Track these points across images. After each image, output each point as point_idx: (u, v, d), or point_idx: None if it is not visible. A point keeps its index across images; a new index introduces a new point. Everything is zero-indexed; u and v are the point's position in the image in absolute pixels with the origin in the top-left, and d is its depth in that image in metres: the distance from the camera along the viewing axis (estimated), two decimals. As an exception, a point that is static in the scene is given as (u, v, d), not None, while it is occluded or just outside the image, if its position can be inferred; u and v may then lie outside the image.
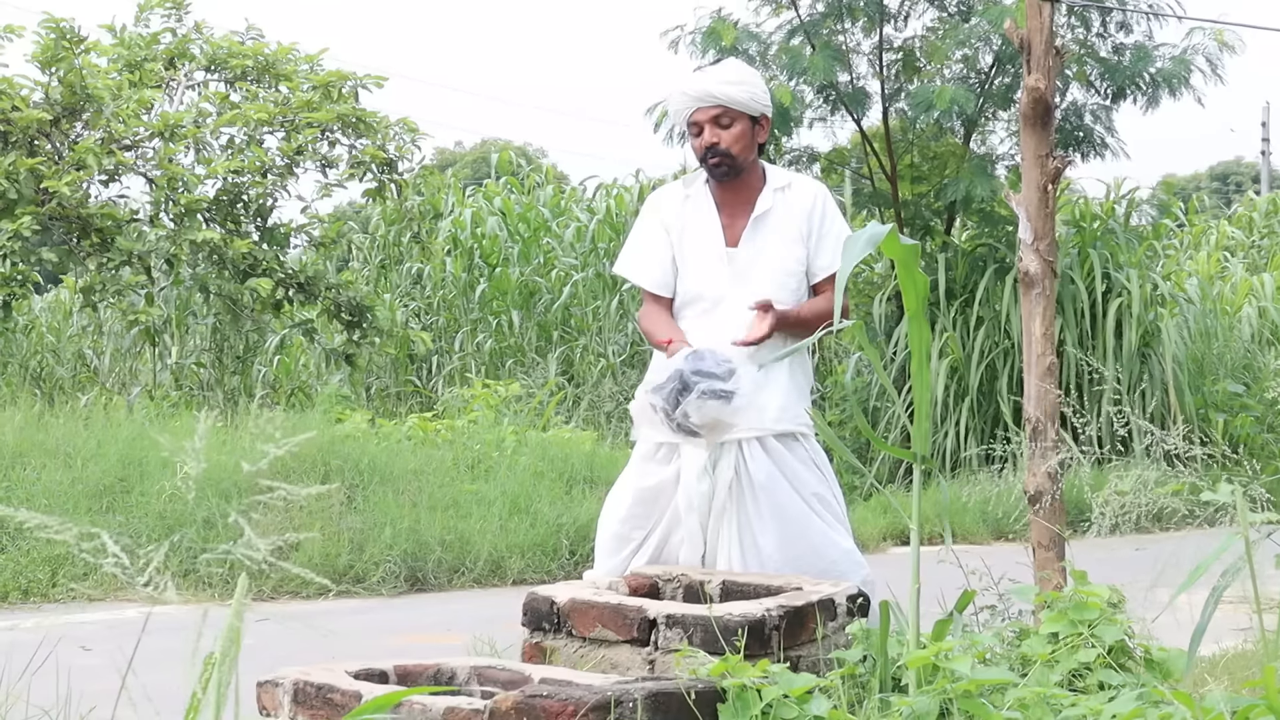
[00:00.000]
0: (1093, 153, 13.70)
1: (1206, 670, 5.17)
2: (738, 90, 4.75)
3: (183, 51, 13.66)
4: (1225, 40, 13.41)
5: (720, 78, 4.80)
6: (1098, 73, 13.41)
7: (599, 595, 4.34)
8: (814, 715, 3.39)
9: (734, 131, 4.76)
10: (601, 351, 16.02)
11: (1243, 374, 14.69)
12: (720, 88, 4.75)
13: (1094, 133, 13.66)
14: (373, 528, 8.87)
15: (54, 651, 3.83)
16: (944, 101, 12.77)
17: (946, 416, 13.37)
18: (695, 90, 4.78)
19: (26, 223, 11.84)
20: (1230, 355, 15.02)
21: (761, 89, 4.83)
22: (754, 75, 4.92)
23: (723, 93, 4.74)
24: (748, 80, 4.83)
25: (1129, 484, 3.99)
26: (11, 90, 12.61)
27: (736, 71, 4.88)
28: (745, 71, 4.92)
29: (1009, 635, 4.07)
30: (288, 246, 13.96)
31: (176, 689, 2.57)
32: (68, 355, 16.17)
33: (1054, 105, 4.80)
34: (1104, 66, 13.36)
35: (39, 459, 9.29)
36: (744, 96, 4.76)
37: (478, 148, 43.10)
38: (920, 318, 3.70)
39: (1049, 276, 4.75)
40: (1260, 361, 14.74)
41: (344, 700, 3.60)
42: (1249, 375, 14.56)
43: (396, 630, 7.32)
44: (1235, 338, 15.48)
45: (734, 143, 4.77)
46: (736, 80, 4.80)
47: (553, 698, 3.44)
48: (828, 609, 4.30)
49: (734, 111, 4.75)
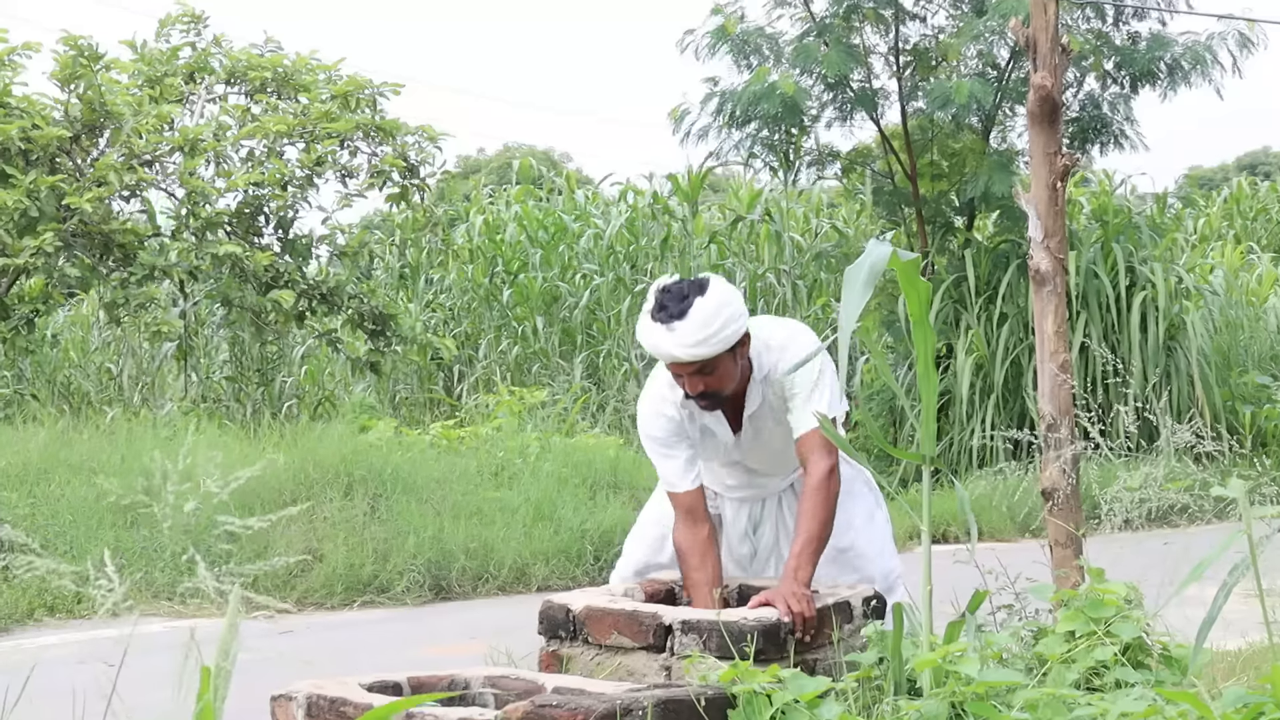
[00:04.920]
0: (1112, 144, 13.68)
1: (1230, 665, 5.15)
2: (707, 348, 4.31)
3: (202, 65, 13.71)
4: (1248, 35, 13.32)
5: (685, 341, 4.31)
6: (1114, 62, 13.36)
7: (615, 602, 4.33)
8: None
9: (717, 374, 4.41)
10: (625, 356, 16.04)
11: (1270, 365, 14.60)
12: (689, 352, 4.32)
13: (1112, 123, 13.61)
14: (396, 537, 8.89)
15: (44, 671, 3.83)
16: (962, 95, 12.76)
17: (972, 413, 13.35)
18: (662, 355, 4.41)
19: (49, 239, 11.90)
20: (1257, 347, 14.94)
21: (730, 323, 4.35)
22: (719, 316, 4.35)
23: (694, 355, 4.33)
24: (714, 331, 4.32)
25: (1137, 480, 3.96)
26: (31, 108, 12.68)
27: (700, 326, 4.31)
28: (709, 319, 4.33)
29: (1026, 635, 4.06)
30: (309, 258, 13.99)
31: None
32: (92, 369, 16.23)
33: (1062, 103, 4.78)
34: (1120, 55, 13.30)
35: (64, 474, 9.33)
36: (716, 349, 4.33)
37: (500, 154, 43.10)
38: (924, 324, 3.70)
39: (1060, 274, 4.73)
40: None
41: (356, 713, 3.61)
42: (1276, 366, 14.47)
43: (418, 640, 7.32)
44: (1262, 329, 15.40)
45: (720, 383, 4.44)
46: (704, 338, 4.30)
47: (562, 707, 3.43)
48: (844, 611, 4.29)
49: (711, 360, 4.37)
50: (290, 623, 7.74)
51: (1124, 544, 4.65)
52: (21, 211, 12.08)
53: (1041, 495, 4.73)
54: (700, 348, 4.32)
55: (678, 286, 4.40)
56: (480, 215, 18.48)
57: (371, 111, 13.60)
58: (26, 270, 12.09)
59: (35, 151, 12.45)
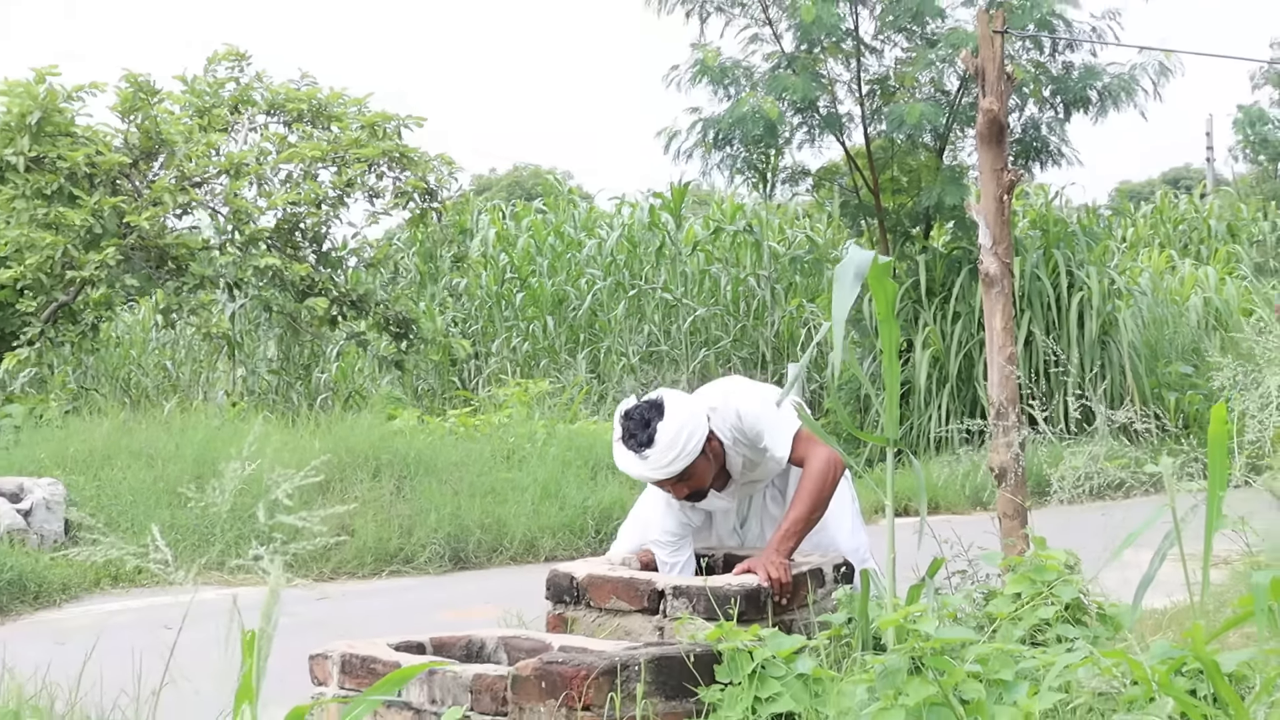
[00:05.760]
0: (1050, 161, 13.72)
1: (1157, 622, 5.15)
2: (680, 464, 4.29)
3: (245, 98, 13.70)
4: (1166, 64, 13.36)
5: (657, 465, 4.29)
6: (1051, 89, 13.40)
7: (613, 571, 4.34)
8: (799, 673, 3.37)
9: (696, 477, 4.38)
10: (623, 351, 16.04)
11: (1191, 356, 14.62)
12: (663, 474, 4.31)
13: (1050, 144, 13.65)
14: (419, 514, 8.88)
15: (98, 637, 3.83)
16: (914, 117, 12.80)
17: (930, 401, 13.34)
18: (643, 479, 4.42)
19: (111, 253, 11.93)
20: (1180, 340, 14.96)
21: (692, 438, 4.30)
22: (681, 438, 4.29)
23: (668, 474, 4.32)
24: (681, 450, 4.28)
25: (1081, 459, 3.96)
26: (95, 138, 12.70)
27: (667, 449, 4.28)
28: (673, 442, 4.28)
29: (978, 597, 4.06)
30: (341, 269, 14.02)
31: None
32: (149, 367, 16.21)
33: (1007, 125, 4.77)
34: (1056, 83, 13.35)
35: (125, 460, 9.32)
36: (685, 464, 4.30)
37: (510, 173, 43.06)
38: (890, 320, 3.70)
39: (1007, 276, 4.72)
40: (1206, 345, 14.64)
41: (385, 670, 3.61)
42: (1197, 358, 14.49)
43: (440, 605, 7.31)
44: (1184, 325, 15.42)
45: (701, 481, 4.42)
46: (673, 459, 4.28)
47: (567, 663, 3.43)
48: (817, 577, 4.29)
49: (686, 469, 4.34)
50: (326, 590, 7.74)
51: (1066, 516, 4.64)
52: (87, 229, 12.12)
53: (991, 473, 4.73)
54: (673, 465, 4.30)
55: (639, 413, 4.35)
56: (494, 228, 18.50)
57: (396, 140, 13.62)
58: (92, 281, 12.09)
59: (99, 175, 12.48)
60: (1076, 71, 13.37)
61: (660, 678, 3.47)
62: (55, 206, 12.13)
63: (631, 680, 3.42)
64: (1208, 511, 3.05)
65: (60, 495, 8.54)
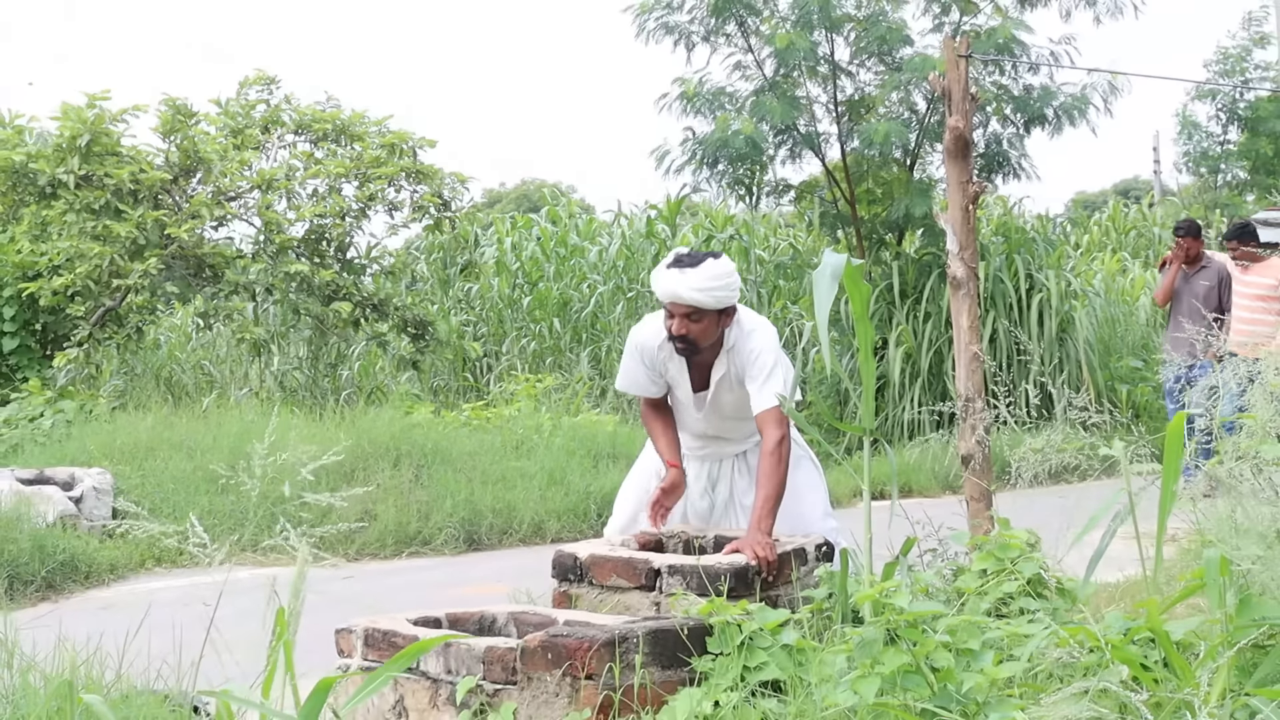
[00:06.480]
0: (1011, 174, 13.72)
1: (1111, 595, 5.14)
2: (706, 297, 4.35)
3: (275, 119, 13.68)
4: (1114, 84, 13.38)
5: (692, 284, 4.35)
6: (1012, 108, 13.41)
7: (614, 551, 4.32)
8: (784, 644, 3.36)
9: (701, 325, 4.43)
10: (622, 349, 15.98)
11: (1141, 352, 14.64)
12: (691, 294, 4.35)
13: (1011, 158, 13.65)
14: (436, 499, 8.86)
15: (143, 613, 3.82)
16: (880, 135, 12.82)
17: (903, 394, 13.32)
18: (668, 293, 4.41)
19: (153, 263, 11.92)
20: (1131, 337, 14.98)
21: (728, 288, 4.40)
22: (723, 277, 4.39)
23: (693, 299, 4.36)
24: (717, 285, 4.37)
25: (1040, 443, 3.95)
26: (139, 157, 12.70)
27: (708, 278, 4.37)
28: (717, 275, 4.39)
29: (947, 573, 4.05)
30: (364, 275, 14.01)
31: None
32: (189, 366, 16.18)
33: (972, 141, 4.76)
34: (1016, 102, 13.36)
35: (167, 451, 9.30)
36: (711, 301, 4.37)
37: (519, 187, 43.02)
38: (865, 320, 3.69)
39: (972, 279, 4.71)
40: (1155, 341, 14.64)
41: (405, 643, 3.59)
42: (1146, 353, 14.50)
43: (455, 583, 7.30)
44: (1134, 323, 15.44)
45: (700, 335, 4.44)
46: (707, 288, 4.35)
47: (571, 636, 3.42)
48: (800, 556, 4.28)
49: (703, 310, 4.40)
50: (350, 570, 7.73)
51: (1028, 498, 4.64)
52: (132, 240, 12.11)
53: (960, 459, 4.72)
54: (701, 294, 4.36)
55: (697, 252, 4.45)
56: (508, 237, 18.48)
57: (413, 158, 13.61)
58: (136, 288, 12.08)
59: (142, 191, 12.48)
60: (1036, 92, 13.37)
61: (657, 649, 3.46)
62: (103, 220, 12.13)
63: (630, 651, 3.41)
64: (1161, 495, 3.05)
65: (108, 484, 8.53)
